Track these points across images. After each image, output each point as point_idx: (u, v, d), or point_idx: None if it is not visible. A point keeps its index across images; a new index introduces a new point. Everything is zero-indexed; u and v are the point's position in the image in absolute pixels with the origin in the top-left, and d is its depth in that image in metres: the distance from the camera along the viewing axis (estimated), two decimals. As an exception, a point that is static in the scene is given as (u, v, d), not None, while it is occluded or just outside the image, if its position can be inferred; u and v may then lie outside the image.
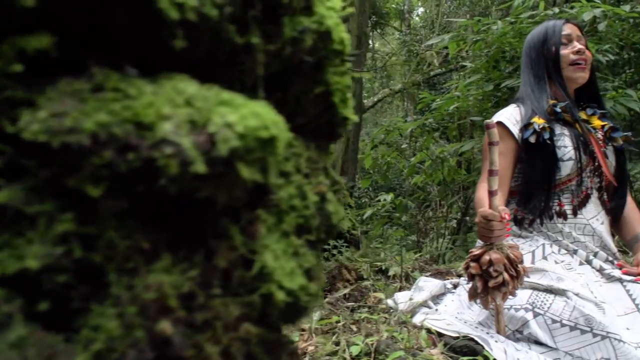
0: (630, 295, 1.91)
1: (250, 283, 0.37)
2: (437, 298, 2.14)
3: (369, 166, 4.79)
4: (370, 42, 15.27)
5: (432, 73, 8.29)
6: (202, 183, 0.33)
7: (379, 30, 14.02)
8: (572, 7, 4.12)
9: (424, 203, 5.67)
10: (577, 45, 2.12)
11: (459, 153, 4.43)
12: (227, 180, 0.34)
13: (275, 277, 0.38)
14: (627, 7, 3.84)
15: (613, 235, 2.26)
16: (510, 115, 2.13)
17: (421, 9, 13.97)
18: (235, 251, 0.37)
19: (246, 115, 0.34)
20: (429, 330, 1.78)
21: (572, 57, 2.11)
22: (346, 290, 2.42)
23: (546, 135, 2.00)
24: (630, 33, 4.85)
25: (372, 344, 1.47)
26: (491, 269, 1.66)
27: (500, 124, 2.09)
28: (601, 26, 3.90)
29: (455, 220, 5.13)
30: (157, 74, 0.37)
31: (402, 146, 4.81)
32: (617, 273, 1.96)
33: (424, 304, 2.06)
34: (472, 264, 1.71)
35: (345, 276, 2.99)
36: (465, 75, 5.00)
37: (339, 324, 2.13)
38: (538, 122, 2.03)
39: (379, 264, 2.89)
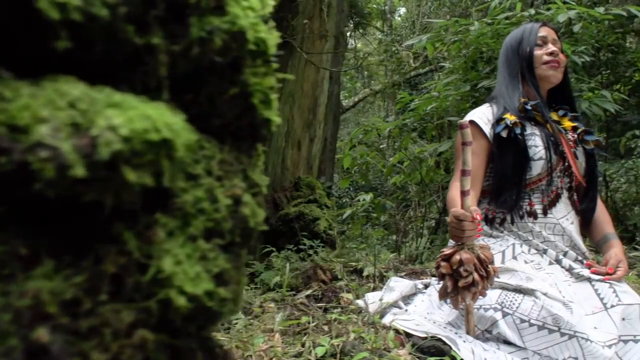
0: (598, 295, 1.93)
1: (146, 288, 0.36)
2: (407, 298, 2.14)
3: (347, 166, 4.79)
4: (353, 42, 15.32)
5: (412, 73, 8.31)
6: (85, 187, 0.32)
7: (360, 31, 14.07)
8: (548, 9, 4.16)
9: (402, 203, 5.68)
10: (551, 47, 2.17)
11: (437, 153, 4.45)
12: (113, 184, 0.33)
13: (176, 282, 0.37)
14: (601, 9, 3.87)
15: (583, 235, 2.28)
16: (482, 115, 2.14)
17: (403, 10, 14.04)
18: (127, 256, 0.36)
19: (134, 117, 0.33)
20: (397, 331, 1.78)
21: (546, 57, 2.15)
22: (309, 292, 2.41)
23: (517, 131, 2.03)
24: (605, 35, 4.91)
25: (338, 345, 1.46)
26: (461, 269, 1.66)
27: (472, 123, 2.11)
28: (576, 28, 3.93)
29: (434, 220, 5.15)
30: (43, 75, 0.36)
31: (381, 146, 4.82)
32: (586, 272, 1.97)
33: (394, 305, 2.06)
34: (443, 264, 1.72)
35: (320, 276, 2.99)
36: (443, 75, 5.02)
37: (311, 325, 2.13)
38: (510, 118, 2.05)
39: (353, 264, 2.88)
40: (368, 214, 4.98)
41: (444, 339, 1.69)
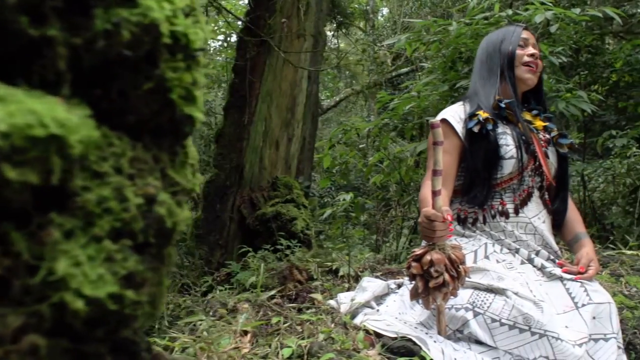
0: (569, 294, 1.94)
1: (38, 291, 0.34)
2: (380, 298, 2.13)
3: (327, 166, 4.79)
4: (336, 41, 15.32)
5: (394, 73, 8.33)
6: (-41, 185, 0.31)
7: (343, 30, 14.07)
8: (526, 9, 4.18)
9: (383, 203, 5.69)
10: (532, 50, 2.19)
11: (417, 153, 4.45)
12: (-10, 181, 0.31)
13: (72, 284, 0.35)
14: (577, 10, 3.90)
15: (555, 234, 2.29)
16: (454, 113, 2.15)
17: (386, 10, 14.06)
18: (15, 257, 0.34)
19: (15, 112, 0.31)
20: (368, 332, 1.77)
21: (526, 58, 2.17)
22: (273, 292, 2.40)
23: (489, 127, 2.04)
24: (582, 36, 4.95)
25: (305, 346, 1.45)
26: (432, 270, 1.66)
27: (444, 121, 2.11)
28: (553, 28, 3.96)
29: (413, 220, 5.16)
30: None
31: (360, 146, 4.82)
32: (557, 271, 1.98)
33: (366, 305, 2.05)
34: (414, 264, 1.71)
35: (296, 276, 2.98)
36: (423, 75, 5.03)
37: (284, 325, 2.11)
38: (482, 114, 2.06)
39: (329, 264, 2.88)
40: (348, 213, 4.98)
41: (414, 339, 1.69)
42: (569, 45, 4.60)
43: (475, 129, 2.04)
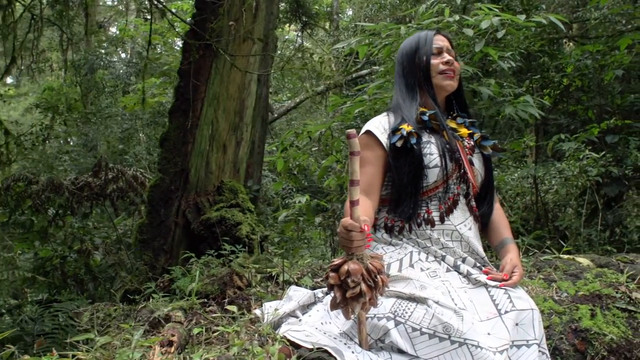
0: (493, 301, 1.95)
1: None
2: (306, 307, 2.12)
3: (280, 169, 4.77)
4: (302, 42, 15.32)
5: (354, 75, 8.36)
6: None
7: (308, 31, 14.09)
8: (474, 15, 4.22)
9: (338, 204, 5.69)
10: (447, 57, 2.21)
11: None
12: None
13: None
14: (522, 17, 3.96)
15: (485, 241, 2.32)
16: (379, 124, 2.16)
17: (351, 11, 14.13)
18: None
19: None
20: (288, 342, 1.76)
21: (442, 66, 2.19)
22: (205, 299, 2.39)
23: (413, 141, 2.04)
24: (532, 41, 5.03)
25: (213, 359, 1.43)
26: (349, 280, 1.65)
27: (369, 132, 2.12)
28: (500, 34, 4.00)
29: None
30: None
31: (313, 149, 4.81)
32: (482, 278, 2.00)
33: (292, 314, 2.04)
34: (332, 274, 1.69)
35: (237, 283, 2.95)
36: (377, 78, 5.05)
37: (214, 335, 2.10)
38: (406, 128, 2.06)
39: (268, 270, 2.86)
40: (296, 216, 4.97)
41: (330, 350, 1.68)
42: (518, 50, 4.66)
43: (399, 144, 2.04)
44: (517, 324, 1.88)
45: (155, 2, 4.31)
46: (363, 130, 2.17)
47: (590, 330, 2.31)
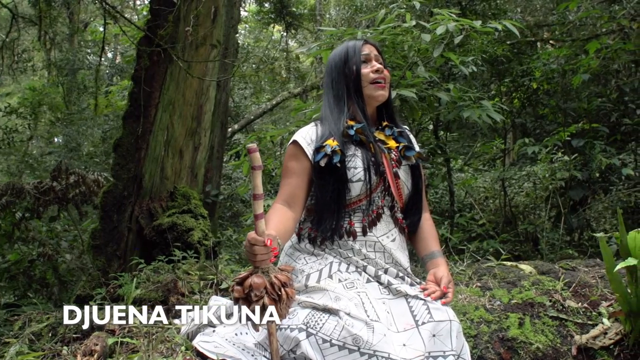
0: (412, 312, 1.97)
1: None
2: (226, 318, 2.13)
3: (246, 173, 4.78)
4: (288, 42, 15.32)
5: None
6: None
7: (293, 32, 14.09)
8: (434, 20, 4.24)
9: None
10: (376, 65, 2.20)
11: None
12: None
13: None
14: (478, 22, 3.98)
15: (411, 252, 2.33)
16: (306, 135, 2.15)
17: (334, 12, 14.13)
18: None
19: None
20: (199, 353, 1.77)
21: (372, 75, 2.18)
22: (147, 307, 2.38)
23: (336, 159, 2.03)
24: (494, 46, 5.05)
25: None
26: (252, 294, 1.67)
27: (295, 143, 2.12)
28: (457, 39, 4.02)
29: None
30: None
31: (277, 153, 4.82)
32: (403, 288, 2.01)
33: (210, 324, 2.05)
34: (236, 287, 1.71)
35: (180, 289, 2.96)
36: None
37: (137, 347, 2.10)
38: (331, 144, 2.06)
39: (211, 277, 2.87)
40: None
41: (233, 362, 1.69)
42: (481, 55, 4.68)
43: (322, 163, 2.04)
44: (434, 335, 1.89)
45: (107, 7, 4.31)
46: (291, 140, 2.17)
47: (517, 339, 2.33)
